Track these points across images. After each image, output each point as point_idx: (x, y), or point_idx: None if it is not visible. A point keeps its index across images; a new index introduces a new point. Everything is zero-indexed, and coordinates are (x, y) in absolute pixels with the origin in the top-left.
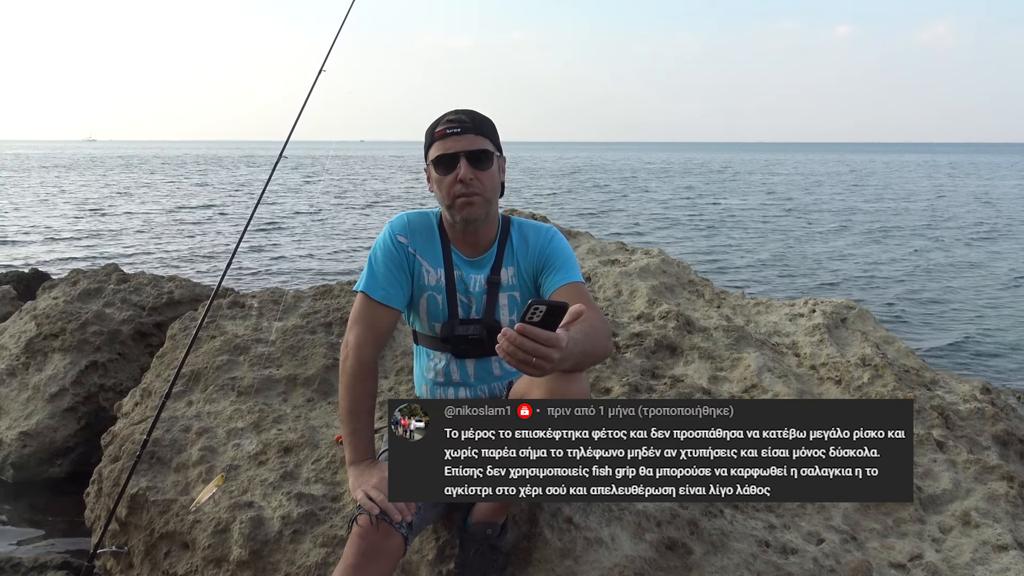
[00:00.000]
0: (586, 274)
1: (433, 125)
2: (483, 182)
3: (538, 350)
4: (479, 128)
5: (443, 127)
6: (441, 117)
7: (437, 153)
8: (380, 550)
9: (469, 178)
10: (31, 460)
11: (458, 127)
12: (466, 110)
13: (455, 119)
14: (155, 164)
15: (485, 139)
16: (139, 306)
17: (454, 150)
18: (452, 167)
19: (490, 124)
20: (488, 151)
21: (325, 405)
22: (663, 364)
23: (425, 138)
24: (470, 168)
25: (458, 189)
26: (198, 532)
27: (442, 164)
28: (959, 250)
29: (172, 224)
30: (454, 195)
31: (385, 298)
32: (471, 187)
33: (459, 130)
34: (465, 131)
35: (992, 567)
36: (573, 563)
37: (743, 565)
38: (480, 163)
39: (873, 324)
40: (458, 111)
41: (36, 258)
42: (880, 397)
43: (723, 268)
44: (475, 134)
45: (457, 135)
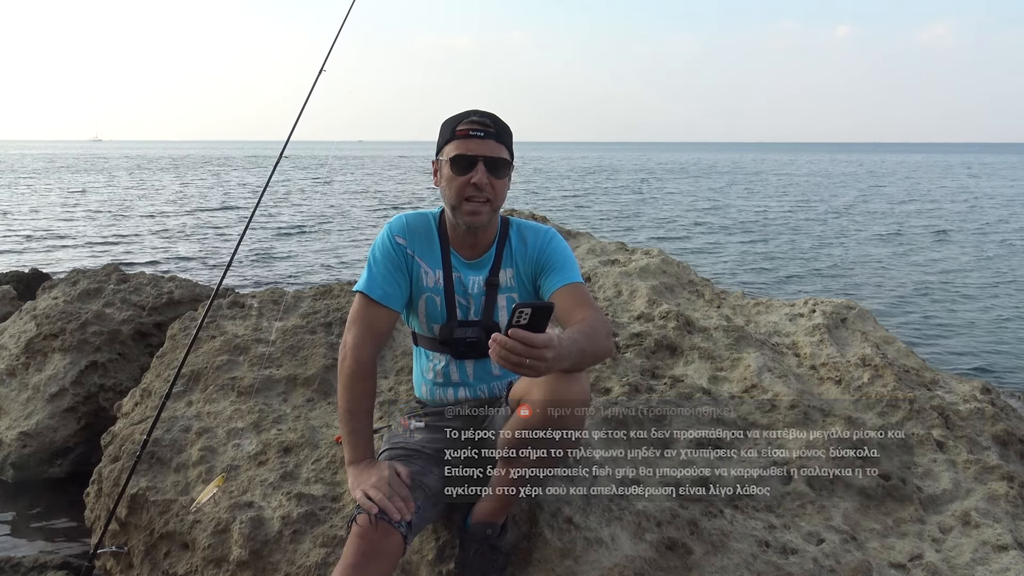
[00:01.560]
0: (586, 274)
1: (454, 121)
2: (496, 190)
3: (529, 352)
4: (500, 135)
5: (466, 127)
6: (463, 115)
7: (456, 152)
8: (380, 549)
9: (485, 183)
10: (31, 460)
11: (482, 131)
12: (490, 114)
13: (479, 121)
14: (177, 164)
15: (505, 148)
16: (139, 306)
17: (475, 153)
18: (469, 169)
19: (510, 132)
20: (506, 160)
21: (325, 405)
22: (663, 364)
23: (442, 131)
24: (487, 174)
25: (470, 191)
26: (198, 532)
27: (459, 164)
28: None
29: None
30: (464, 196)
31: (383, 298)
32: (484, 192)
33: (482, 134)
34: (488, 136)
35: (992, 567)
36: (573, 563)
37: (743, 565)
38: (497, 171)
39: (873, 324)
40: (482, 113)
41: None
42: (880, 397)
43: (815, 275)
44: (496, 141)
45: (480, 139)
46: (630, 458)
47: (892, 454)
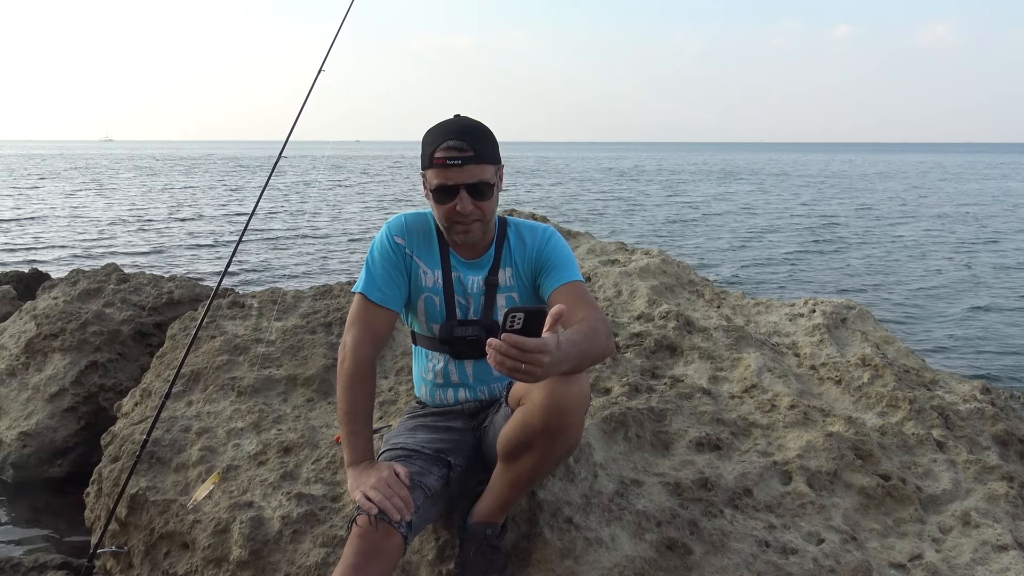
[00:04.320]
0: (586, 274)
1: (432, 143)
2: (483, 210)
3: (525, 357)
4: (480, 155)
5: (443, 154)
6: (441, 136)
7: (436, 182)
8: (380, 550)
9: (469, 210)
10: (31, 460)
11: (459, 159)
12: (466, 129)
13: (456, 147)
14: (193, 166)
15: (486, 166)
16: (139, 306)
17: (455, 181)
18: (451, 197)
19: (490, 142)
20: (488, 183)
21: (325, 405)
22: (663, 364)
23: (423, 148)
24: (470, 200)
25: (456, 217)
26: (198, 532)
27: (441, 193)
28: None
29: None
30: (453, 220)
31: (382, 299)
32: (470, 217)
33: (460, 162)
34: (467, 162)
35: (992, 567)
36: (573, 563)
37: (743, 565)
38: (480, 195)
39: (873, 324)
40: (459, 134)
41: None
42: (879, 397)
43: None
44: (476, 163)
45: (458, 167)
46: (630, 458)
47: (892, 454)
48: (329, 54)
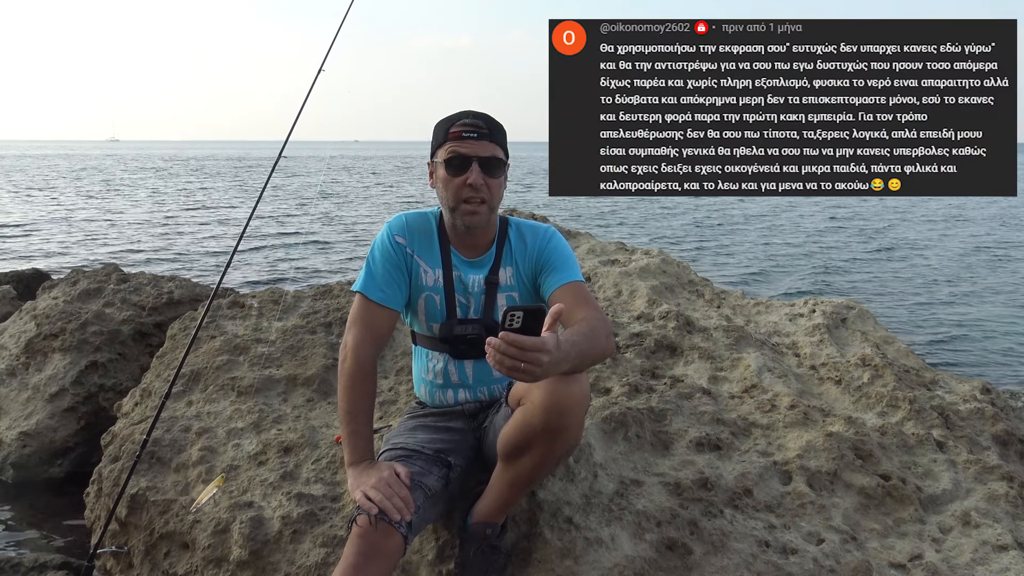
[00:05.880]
0: (586, 274)
1: (447, 123)
2: (492, 190)
3: (524, 356)
4: (494, 135)
5: (459, 128)
6: (456, 116)
7: (450, 153)
8: (380, 550)
9: (480, 183)
10: (31, 460)
11: (475, 132)
12: (482, 114)
13: (472, 123)
14: (200, 166)
15: (499, 147)
16: (139, 306)
17: (469, 153)
18: (463, 170)
19: (503, 131)
20: (500, 159)
21: (325, 405)
22: (663, 364)
23: (436, 134)
24: (482, 174)
25: (466, 193)
26: (198, 532)
27: (454, 165)
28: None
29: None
30: (461, 198)
31: (383, 299)
32: (480, 193)
33: (476, 135)
34: (482, 136)
35: (992, 567)
36: (573, 563)
37: (743, 565)
38: (492, 171)
39: (873, 324)
40: (475, 114)
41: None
42: (879, 397)
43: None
44: (490, 141)
45: (474, 140)
46: (630, 458)
47: (892, 454)
48: (329, 54)
